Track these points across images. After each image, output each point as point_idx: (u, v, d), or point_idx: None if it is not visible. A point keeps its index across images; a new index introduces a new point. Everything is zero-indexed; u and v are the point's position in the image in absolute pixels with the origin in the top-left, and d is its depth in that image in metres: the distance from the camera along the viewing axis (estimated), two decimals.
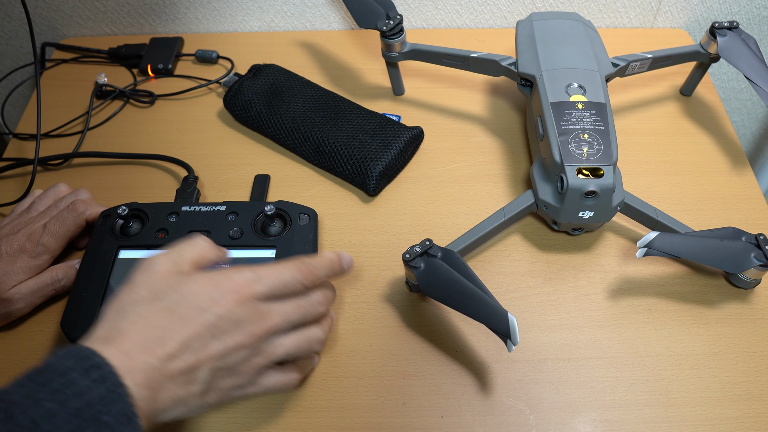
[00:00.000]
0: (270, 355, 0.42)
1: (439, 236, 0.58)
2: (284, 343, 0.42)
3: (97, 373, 0.34)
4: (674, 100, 0.71)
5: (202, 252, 0.42)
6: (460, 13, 0.80)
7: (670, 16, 0.80)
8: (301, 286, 0.43)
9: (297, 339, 0.43)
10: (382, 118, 0.65)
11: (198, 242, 0.43)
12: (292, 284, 0.42)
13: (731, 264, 0.51)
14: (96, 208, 0.55)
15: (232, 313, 0.39)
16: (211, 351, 0.39)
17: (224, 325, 0.39)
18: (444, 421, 0.48)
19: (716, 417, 0.48)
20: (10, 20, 0.79)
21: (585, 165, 0.52)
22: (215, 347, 0.39)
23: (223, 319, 0.39)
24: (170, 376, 0.37)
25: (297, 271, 0.43)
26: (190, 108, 0.72)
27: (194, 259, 0.41)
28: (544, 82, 0.58)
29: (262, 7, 0.79)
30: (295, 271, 0.43)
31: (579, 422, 0.48)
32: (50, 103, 0.73)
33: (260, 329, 0.40)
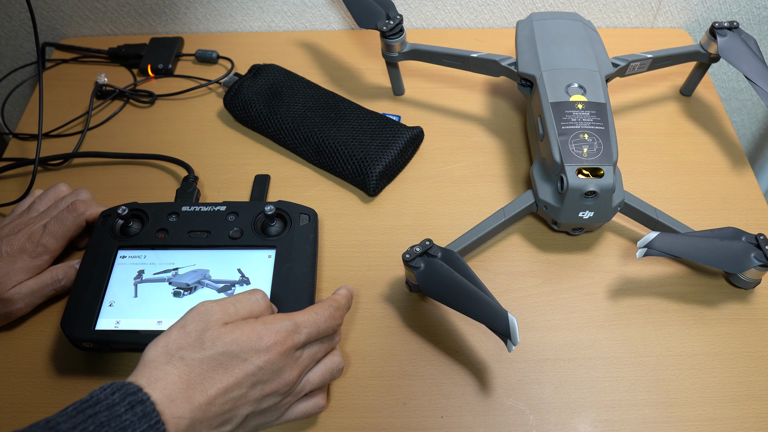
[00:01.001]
0: (299, 394, 0.44)
1: (439, 236, 0.58)
2: (311, 380, 0.44)
3: (140, 408, 0.36)
4: (674, 100, 0.71)
5: (255, 308, 0.43)
6: (460, 13, 0.80)
7: (670, 16, 0.80)
8: (333, 331, 0.45)
9: (322, 372, 0.45)
10: (382, 118, 0.65)
11: (254, 298, 0.44)
12: (326, 331, 0.45)
13: (731, 264, 0.51)
14: (96, 209, 0.55)
15: (272, 364, 0.41)
16: (249, 398, 0.40)
17: (264, 375, 0.41)
18: (444, 421, 0.48)
19: (716, 417, 0.48)
20: (10, 20, 0.79)
21: (585, 165, 0.52)
22: (253, 395, 0.40)
23: (263, 369, 0.41)
24: (207, 420, 0.38)
25: (331, 318, 0.45)
26: (190, 108, 0.72)
27: (246, 314, 0.43)
28: (544, 82, 0.58)
29: (262, 7, 0.79)
30: (329, 319, 0.45)
31: (579, 422, 0.48)
32: (50, 103, 0.73)
33: (294, 375, 0.42)
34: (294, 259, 0.52)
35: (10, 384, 0.51)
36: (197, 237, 0.53)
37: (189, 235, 0.54)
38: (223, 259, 0.52)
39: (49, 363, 0.52)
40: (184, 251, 0.53)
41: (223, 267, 0.52)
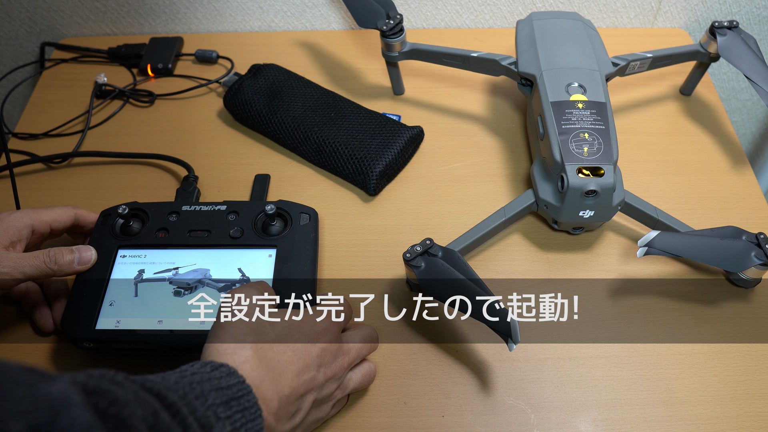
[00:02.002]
0: (345, 389, 0.45)
1: (440, 236, 0.58)
2: (353, 378, 0.46)
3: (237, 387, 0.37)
4: (674, 100, 0.71)
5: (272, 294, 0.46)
6: (460, 13, 0.80)
7: (670, 16, 0.80)
8: None
9: (362, 374, 0.47)
10: (382, 117, 0.65)
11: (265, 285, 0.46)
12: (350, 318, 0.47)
13: (732, 263, 0.51)
14: None
15: (331, 345, 0.43)
16: (316, 381, 0.42)
17: (326, 357, 0.42)
18: (445, 420, 0.48)
19: (717, 416, 0.48)
20: (10, 20, 0.79)
21: (585, 164, 0.52)
22: (318, 378, 0.42)
23: (325, 351, 0.42)
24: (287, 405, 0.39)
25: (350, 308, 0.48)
26: (190, 108, 0.72)
27: None
28: (545, 81, 0.58)
29: (262, 7, 0.79)
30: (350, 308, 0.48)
31: (580, 421, 0.48)
32: (50, 102, 0.72)
33: (347, 362, 0.44)
34: (294, 259, 0.52)
35: None
36: (198, 236, 0.53)
37: (189, 235, 0.54)
38: (223, 258, 0.52)
39: (49, 363, 0.52)
40: (184, 250, 0.53)
41: (223, 266, 0.52)
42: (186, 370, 0.37)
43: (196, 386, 0.35)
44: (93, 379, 0.29)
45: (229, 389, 0.36)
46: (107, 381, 0.30)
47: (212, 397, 0.35)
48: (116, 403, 0.28)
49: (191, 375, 0.36)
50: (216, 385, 0.36)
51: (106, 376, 0.31)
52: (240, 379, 0.37)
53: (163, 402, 0.32)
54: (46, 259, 0.48)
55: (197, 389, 0.35)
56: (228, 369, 0.37)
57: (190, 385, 0.35)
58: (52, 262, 0.48)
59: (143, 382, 0.33)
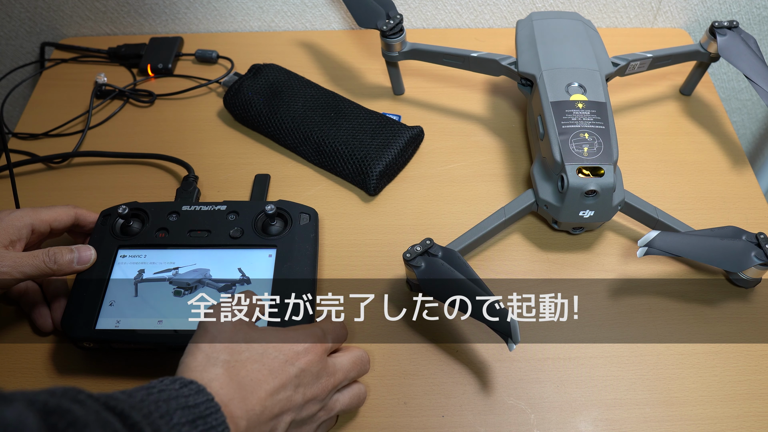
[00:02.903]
0: (330, 411, 0.44)
1: (440, 236, 0.58)
2: (340, 400, 0.45)
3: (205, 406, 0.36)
4: (674, 100, 0.71)
5: None
6: (460, 13, 0.80)
7: (670, 16, 0.80)
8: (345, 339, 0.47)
9: (350, 396, 0.46)
10: (382, 117, 0.65)
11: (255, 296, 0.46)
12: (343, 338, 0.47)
13: (732, 263, 0.51)
14: None
15: (312, 366, 0.42)
16: (294, 402, 0.40)
17: (305, 378, 0.41)
18: (445, 420, 0.48)
19: (717, 416, 0.48)
20: (10, 20, 0.79)
21: (585, 164, 0.52)
22: (297, 399, 0.41)
23: (304, 372, 0.41)
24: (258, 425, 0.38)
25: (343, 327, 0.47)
26: (190, 108, 0.72)
27: None
28: (545, 81, 0.58)
29: (262, 7, 0.79)
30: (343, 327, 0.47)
31: (580, 421, 0.48)
32: (50, 102, 0.72)
33: (330, 384, 0.43)
34: (294, 259, 0.52)
35: (11, 384, 0.51)
36: (198, 236, 0.53)
37: (189, 235, 0.54)
38: (223, 258, 0.52)
39: (49, 363, 0.52)
40: (184, 250, 0.53)
41: (223, 266, 0.52)
42: (154, 386, 0.36)
43: (162, 404, 0.34)
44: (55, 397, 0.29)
45: (197, 407, 0.35)
46: (68, 400, 0.29)
47: (178, 416, 0.34)
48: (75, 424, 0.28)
49: (158, 392, 0.35)
50: (183, 403, 0.35)
51: (69, 394, 0.30)
52: (208, 396, 0.36)
53: (125, 422, 0.31)
54: (45, 259, 0.48)
55: (163, 408, 0.34)
56: (197, 386, 0.36)
57: (156, 403, 0.34)
58: (51, 262, 0.48)
59: (107, 400, 0.32)
